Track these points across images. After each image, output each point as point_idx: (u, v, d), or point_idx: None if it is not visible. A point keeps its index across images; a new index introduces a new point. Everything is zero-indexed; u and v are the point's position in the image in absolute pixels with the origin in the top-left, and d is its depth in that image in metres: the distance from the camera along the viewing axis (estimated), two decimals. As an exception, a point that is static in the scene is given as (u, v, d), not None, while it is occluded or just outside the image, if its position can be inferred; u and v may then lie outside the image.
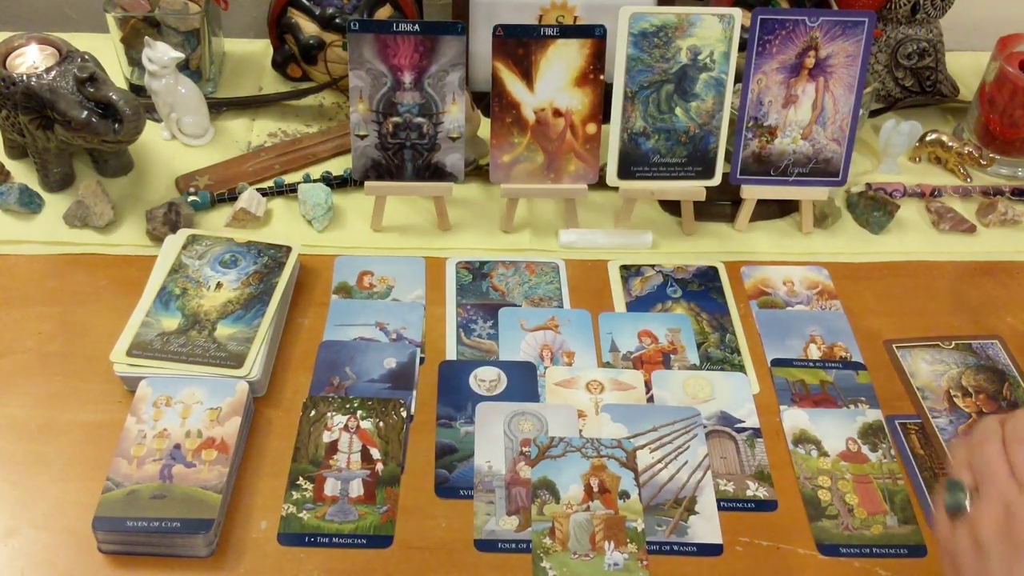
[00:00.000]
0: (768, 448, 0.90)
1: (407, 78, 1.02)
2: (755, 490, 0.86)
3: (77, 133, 1.01)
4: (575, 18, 1.23)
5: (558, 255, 1.09)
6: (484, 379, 0.94)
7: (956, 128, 1.29)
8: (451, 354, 0.97)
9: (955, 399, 0.95)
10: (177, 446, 0.83)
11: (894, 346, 0.99)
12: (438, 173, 1.07)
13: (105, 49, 1.17)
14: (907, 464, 0.90)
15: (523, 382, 0.94)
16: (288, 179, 1.14)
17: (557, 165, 1.07)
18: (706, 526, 0.83)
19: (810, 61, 1.04)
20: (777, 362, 0.98)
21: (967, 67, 1.39)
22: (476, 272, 1.06)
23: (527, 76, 1.04)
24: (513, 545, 0.81)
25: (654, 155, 1.07)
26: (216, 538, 0.80)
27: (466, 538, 0.82)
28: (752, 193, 1.10)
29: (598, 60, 1.03)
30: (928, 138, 1.22)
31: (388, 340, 0.97)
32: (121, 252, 1.06)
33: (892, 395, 0.96)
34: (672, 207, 1.14)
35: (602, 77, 1.04)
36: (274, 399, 0.92)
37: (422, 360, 0.96)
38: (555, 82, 1.04)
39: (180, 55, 1.14)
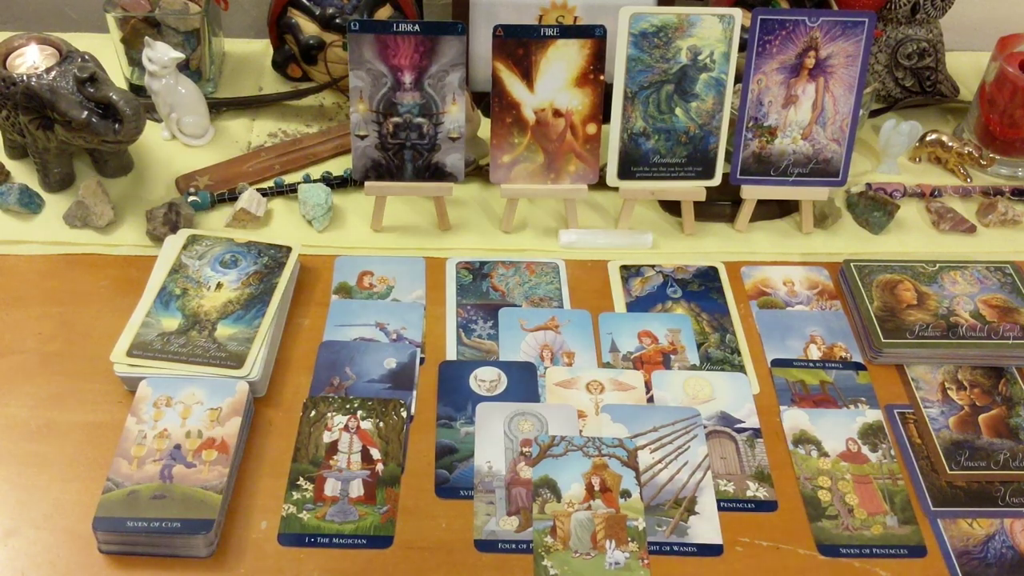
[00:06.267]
0: (768, 448, 0.90)
1: (407, 78, 1.02)
2: (755, 490, 0.86)
3: (77, 133, 1.01)
4: (575, 18, 1.23)
5: (558, 255, 1.09)
6: (484, 379, 0.94)
7: (956, 128, 1.29)
8: (451, 354, 0.97)
9: (948, 391, 0.95)
10: (177, 446, 0.84)
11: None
12: (438, 173, 1.07)
13: (105, 49, 1.17)
14: (904, 452, 0.90)
15: (523, 382, 0.94)
16: (288, 179, 1.14)
17: (557, 165, 1.07)
18: (706, 526, 0.83)
19: (810, 61, 1.04)
20: (777, 362, 0.98)
21: (967, 67, 1.39)
22: (476, 272, 1.06)
23: (527, 76, 1.04)
24: (513, 545, 0.81)
25: (654, 155, 1.07)
26: (216, 538, 0.80)
27: (466, 538, 0.82)
28: (752, 193, 1.10)
29: (598, 60, 1.03)
30: (928, 138, 1.22)
31: (388, 340, 0.97)
32: (121, 252, 1.06)
33: (888, 382, 0.97)
34: (672, 207, 1.14)
35: (602, 77, 1.04)
36: (274, 399, 0.92)
37: (422, 360, 0.96)
38: (555, 82, 1.04)
39: (180, 55, 1.14)
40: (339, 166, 1.18)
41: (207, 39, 1.24)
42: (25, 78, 1.00)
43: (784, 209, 1.15)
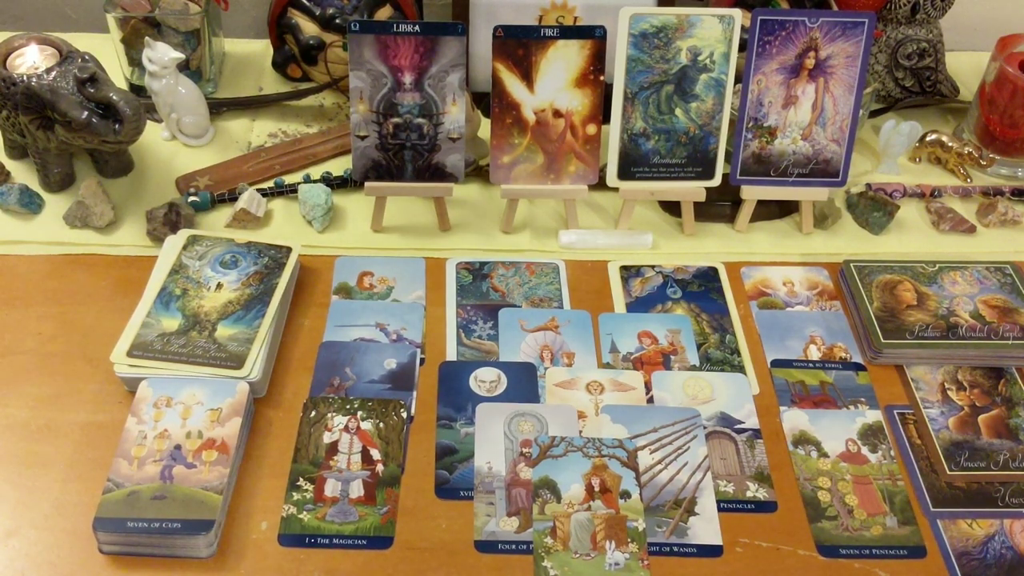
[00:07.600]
0: (768, 449, 0.90)
1: (407, 79, 1.02)
2: (755, 491, 0.86)
3: (77, 133, 1.01)
4: (575, 19, 1.23)
5: (558, 255, 1.09)
6: (484, 380, 0.94)
7: (956, 128, 1.29)
8: (451, 355, 0.97)
9: (948, 391, 0.95)
10: (178, 447, 0.84)
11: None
12: (438, 174, 1.07)
13: (105, 49, 1.17)
14: (904, 453, 0.90)
15: (523, 383, 0.94)
16: (288, 179, 1.14)
17: (557, 166, 1.07)
18: (706, 527, 0.83)
19: (810, 62, 1.04)
20: (777, 363, 0.98)
21: (967, 67, 1.39)
22: (476, 273, 1.06)
23: (527, 77, 1.04)
24: (513, 546, 0.81)
25: (654, 156, 1.07)
26: (217, 539, 0.80)
27: (466, 539, 0.82)
28: (752, 194, 1.10)
29: (598, 61, 1.03)
30: (928, 138, 1.22)
31: (388, 341, 0.97)
32: (121, 252, 1.06)
33: (888, 383, 0.97)
34: (672, 208, 1.14)
35: (602, 78, 1.04)
36: (274, 400, 0.92)
37: (422, 361, 0.96)
38: (555, 83, 1.04)
39: (180, 55, 1.14)
40: (339, 166, 1.18)
41: (207, 39, 1.24)
42: (25, 78, 1.00)
43: (784, 209, 1.15)
